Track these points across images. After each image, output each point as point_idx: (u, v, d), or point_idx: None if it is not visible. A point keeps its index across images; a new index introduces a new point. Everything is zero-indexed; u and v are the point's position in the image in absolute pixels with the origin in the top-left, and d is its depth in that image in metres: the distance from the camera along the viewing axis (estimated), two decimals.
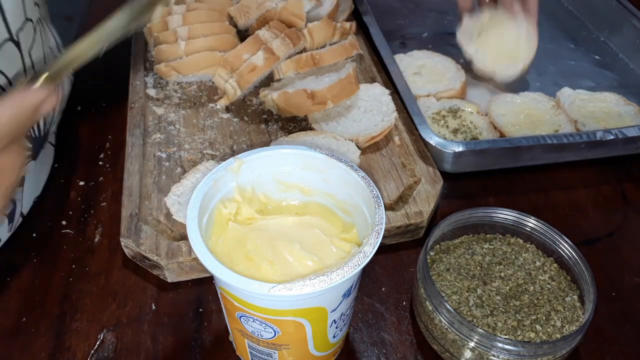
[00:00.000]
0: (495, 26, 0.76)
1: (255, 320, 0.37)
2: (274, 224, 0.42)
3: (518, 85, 0.78)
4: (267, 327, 0.37)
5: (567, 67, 0.86)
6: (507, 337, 0.45)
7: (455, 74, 0.77)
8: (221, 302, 0.41)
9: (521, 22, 0.74)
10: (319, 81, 0.65)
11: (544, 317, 0.46)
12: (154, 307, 0.50)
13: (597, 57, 0.88)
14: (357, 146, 0.61)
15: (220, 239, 0.40)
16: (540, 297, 0.48)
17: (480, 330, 0.43)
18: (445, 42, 0.88)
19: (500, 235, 0.54)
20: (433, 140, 0.61)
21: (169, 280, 0.52)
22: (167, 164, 0.60)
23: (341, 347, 0.47)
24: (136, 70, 0.72)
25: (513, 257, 0.51)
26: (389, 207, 0.57)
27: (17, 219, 0.54)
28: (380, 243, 0.36)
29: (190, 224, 0.37)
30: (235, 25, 0.75)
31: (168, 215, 0.54)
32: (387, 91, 0.68)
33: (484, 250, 0.52)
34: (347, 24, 0.77)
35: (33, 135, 0.51)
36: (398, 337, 0.49)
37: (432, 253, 0.52)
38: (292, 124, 0.67)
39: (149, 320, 0.49)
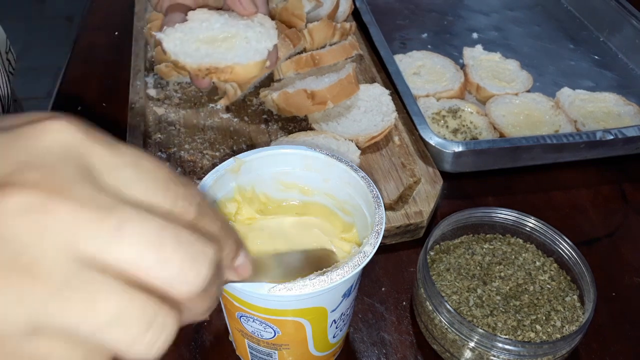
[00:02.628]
0: None
1: (255, 320, 0.37)
2: (274, 223, 0.42)
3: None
4: (267, 327, 0.37)
5: (566, 67, 0.86)
6: (507, 337, 0.45)
7: (454, 75, 0.78)
8: (221, 302, 0.41)
9: None
10: (319, 81, 0.65)
11: (544, 317, 0.46)
12: None
13: (596, 57, 0.88)
14: (357, 146, 0.61)
15: None
16: (540, 297, 0.48)
17: (480, 330, 0.43)
18: (444, 43, 0.88)
19: (500, 235, 0.54)
20: (433, 140, 0.61)
21: None
22: (167, 164, 0.60)
23: (341, 347, 0.47)
24: (136, 71, 0.72)
25: (513, 257, 0.51)
26: (388, 207, 0.57)
27: None
28: (380, 243, 0.36)
29: None
30: None
31: None
32: (387, 91, 0.68)
33: (484, 250, 0.52)
34: (347, 25, 0.77)
35: None
36: (398, 337, 0.49)
37: (432, 253, 0.52)
38: (292, 124, 0.67)
39: None
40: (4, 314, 0.18)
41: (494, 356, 0.43)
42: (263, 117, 0.68)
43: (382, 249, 0.45)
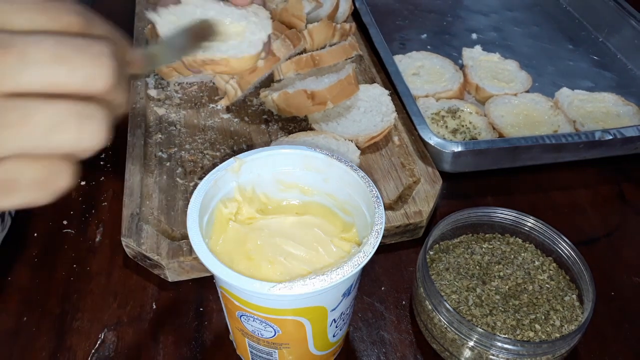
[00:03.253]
0: None
1: (256, 320, 0.37)
2: (275, 223, 0.42)
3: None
4: (268, 326, 0.38)
5: (565, 67, 0.86)
6: (506, 336, 0.45)
7: (453, 75, 0.78)
8: (221, 301, 0.41)
9: None
10: (319, 82, 0.65)
11: (543, 317, 0.47)
12: (154, 307, 0.50)
13: (595, 57, 0.88)
14: (357, 146, 0.61)
15: (220, 238, 0.41)
16: (539, 297, 0.48)
17: (479, 329, 0.43)
18: (444, 43, 0.89)
19: (500, 235, 0.54)
20: (432, 140, 0.62)
21: (170, 280, 0.52)
22: (168, 164, 0.60)
23: (341, 346, 0.47)
24: None
25: (512, 256, 0.51)
26: (388, 207, 0.57)
27: (7, 219, 0.54)
28: (380, 243, 0.36)
29: (191, 223, 0.37)
30: None
31: (168, 215, 0.54)
32: (387, 92, 0.68)
33: (483, 249, 0.52)
34: (347, 25, 0.77)
35: None
36: (398, 336, 0.49)
37: (431, 252, 0.52)
38: (292, 124, 0.67)
39: (149, 320, 0.49)
40: None
41: (493, 355, 0.43)
42: (263, 117, 0.68)
43: (382, 249, 0.45)
